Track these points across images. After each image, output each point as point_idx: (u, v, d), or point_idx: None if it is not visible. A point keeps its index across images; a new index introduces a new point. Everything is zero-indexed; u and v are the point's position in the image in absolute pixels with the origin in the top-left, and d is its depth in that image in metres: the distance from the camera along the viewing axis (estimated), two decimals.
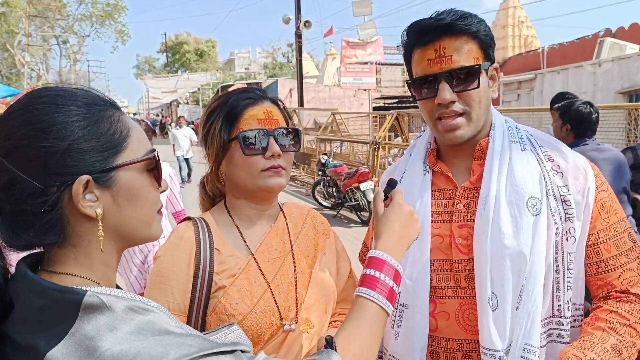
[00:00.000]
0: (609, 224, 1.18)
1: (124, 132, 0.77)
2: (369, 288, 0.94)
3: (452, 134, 1.20)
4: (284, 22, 18.64)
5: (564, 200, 1.16)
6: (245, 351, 0.74)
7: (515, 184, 1.17)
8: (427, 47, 1.18)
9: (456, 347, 1.20)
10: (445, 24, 1.15)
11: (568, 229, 1.16)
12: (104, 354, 0.61)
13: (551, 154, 1.22)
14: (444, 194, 1.28)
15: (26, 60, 35.99)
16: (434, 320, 1.22)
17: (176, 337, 0.67)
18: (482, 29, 1.17)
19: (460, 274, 1.21)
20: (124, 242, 0.79)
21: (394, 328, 1.26)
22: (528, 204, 1.15)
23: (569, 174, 1.18)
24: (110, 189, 0.73)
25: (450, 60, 1.15)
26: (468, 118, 1.19)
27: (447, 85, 1.16)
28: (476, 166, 1.25)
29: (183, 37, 53.31)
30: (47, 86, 0.76)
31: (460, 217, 1.23)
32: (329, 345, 0.85)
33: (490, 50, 1.20)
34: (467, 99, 1.17)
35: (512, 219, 1.15)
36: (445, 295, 1.22)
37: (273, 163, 1.17)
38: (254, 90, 1.24)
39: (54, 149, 0.69)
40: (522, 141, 1.24)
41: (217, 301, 1.13)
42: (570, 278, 1.17)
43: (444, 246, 1.24)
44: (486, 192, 1.18)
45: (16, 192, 0.69)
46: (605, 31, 16.42)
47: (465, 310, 1.19)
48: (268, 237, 1.25)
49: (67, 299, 0.66)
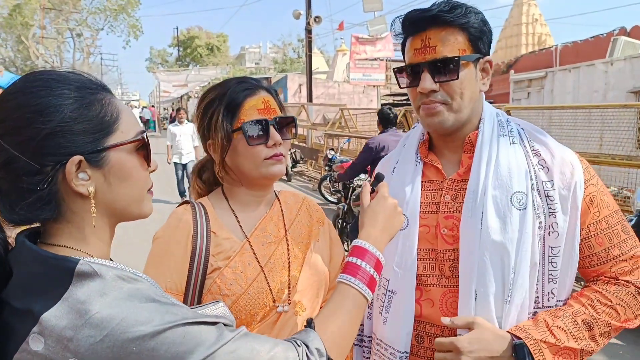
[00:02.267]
0: (600, 217, 1.19)
1: (115, 114, 0.80)
2: (350, 275, 0.98)
3: (431, 119, 1.22)
4: (295, 18, 18.60)
5: (547, 196, 1.17)
6: (227, 325, 0.78)
7: (501, 178, 1.19)
8: (415, 37, 1.22)
9: (439, 332, 1.22)
10: (431, 15, 1.17)
11: (551, 223, 1.17)
12: (93, 317, 0.67)
13: (539, 148, 1.23)
14: (433, 185, 1.30)
15: (40, 53, 36.38)
16: (419, 306, 1.26)
17: (162, 305, 0.72)
18: (472, 20, 1.18)
19: (445, 264, 1.23)
20: (115, 218, 0.84)
21: (382, 313, 1.29)
22: (513, 199, 1.17)
23: (554, 169, 1.19)
24: (101, 169, 0.78)
25: (433, 51, 1.18)
26: (449, 108, 1.21)
27: (428, 75, 1.18)
28: (465, 159, 1.27)
29: (195, 32, 53.47)
30: (42, 70, 0.80)
31: (446, 208, 1.25)
32: (309, 325, 0.90)
33: (481, 43, 1.21)
34: (448, 89, 1.19)
35: (498, 212, 1.17)
36: (430, 284, 1.25)
37: (275, 151, 1.22)
38: (249, 80, 1.28)
39: (47, 130, 0.73)
40: (511, 134, 1.25)
41: (212, 282, 1.17)
42: (553, 271, 1.18)
43: (430, 236, 1.26)
44: (474, 185, 1.20)
45: (13, 170, 0.73)
46: (620, 30, 16.20)
47: (449, 299, 1.22)
48: (263, 222, 1.29)
49: (62, 266, 0.71)
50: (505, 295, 1.15)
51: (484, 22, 1.21)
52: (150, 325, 0.68)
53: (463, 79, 1.18)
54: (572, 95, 11.35)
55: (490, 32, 1.24)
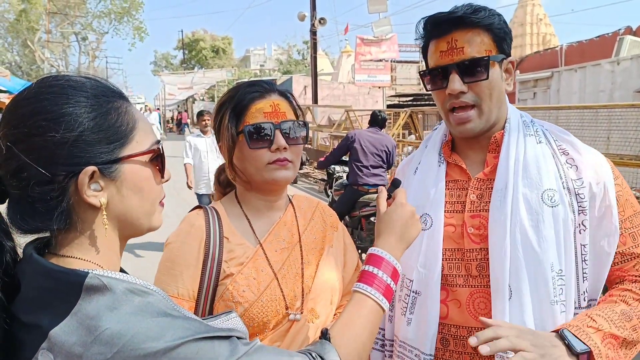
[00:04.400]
0: (625, 216, 1.19)
1: (131, 123, 0.78)
2: (366, 284, 0.96)
3: (462, 127, 1.23)
4: (299, 19, 18.64)
5: (577, 194, 1.17)
6: (241, 338, 0.76)
7: (530, 177, 1.19)
8: (440, 39, 1.22)
9: (466, 334, 1.21)
10: (457, 17, 1.18)
11: (581, 221, 1.17)
12: (103, 333, 0.64)
13: (566, 147, 1.23)
14: (457, 184, 1.30)
15: (46, 57, 36.61)
16: (445, 307, 1.24)
17: (173, 320, 0.69)
18: (496, 22, 1.20)
19: (472, 263, 1.22)
20: (126, 230, 0.81)
21: (406, 315, 1.28)
22: (544, 196, 1.16)
23: (583, 167, 1.19)
24: (114, 180, 0.76)
25: (461, 52, 1.18)
26: (479, 110, 1.21)
27: (457, 76, 1.19)
28: (490, 158, 1.27)
29: (199, 34, 53.66)
30: (57, 75, 0.77)
31: (472, 207, 1.25)
32: (324, 337, 0.88)
33: (505, 43, 1.22)
34: (477, 90, 1.20)
35: (530, 210, 1.16)
36: (457, 284, 1.24)
37: (279, 156, 1.18)
38: (261, 84, 1.26)
39: (62, 140, 0.71)
40: (537, 134, 1.25)
41: (224, 288, 1.16)
42: (586, 269, 1.18)
43: (456, 235, 1.26)
44: (502, 184, 1.20)
45: (24, 179, 0.71)
46: (625, 29, 16.11)
47: (476, 299, 1.21)
48: (276, 227, 1.28)
49: (70, 280, 0.69)
50: (552, 295, 1.13)
51: (506, 23, 1.23)
52: (162, 341, 0.65)
53: (492, 79, 1.19)
54: (578, 95, 11.31)
55: (511, 33, 1.25)
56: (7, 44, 40.29)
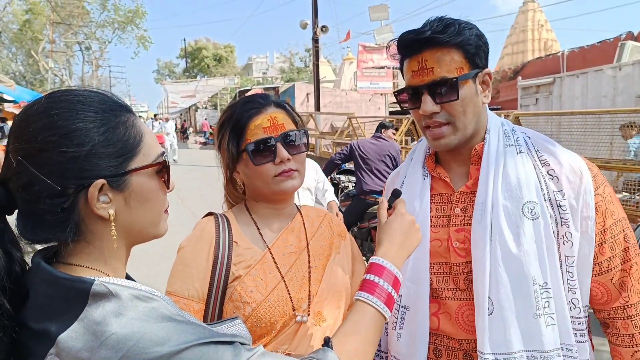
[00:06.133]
0: (605, 226, 1.19)
1: (138, 137, 0.80)
2: (368, 292, 0.98)
3: (437, 142, 1.24)
4: (302, 27, 18.73)
5: (559, 205, 1.17)
6: (244, 344, 0.77)
7: (510, 189, 1.18)
8: (412, 59, 1.21)
9: (457, 346, 1.22)
10: (425, 38, 1.16)
11: (564, 233, 1.16)
12: (109, 338, 0.66)
13: (547, 158, 1.22)
14: (442, 198, 1.30)
15: (50, 66, 36.85)
16: (436, 319, 1.25)
17: (178, 325, 0.71)
18: (467, 37, 1.17)
19: (459, 277, 1.23)
20: (133, 239, 0.84)
21: (396, 330, 1.29)
22: (524, 209, 1.16)
23: (563, 178, 1.18)
24: (123, 192, 0.78)
25: (431, 72, 1.17)
26: (453, 127, 1.21)
27: (429, 97, 1.19)
28: (473, 171, 1.27)
29: (202, 43, 54.01)
30: (66, 90, 0.79)
31: (457, 221, 1.25)
32: (326, 344, 0.89)
33: (477, 58, 1.20)
34: (450, 109, 1.19)
35: (510, 223, 1.16)
36: (446, 297, 1.24)
37: (283, 168, 1.22)
38: (256, 99, 1.29)
39: (73, 154, 0.73)
40: (517, 144, 1.24)
41: (233, 289, 1.20)
42: (571, 281, 1.17)
43: (442, 250, 1.26)
44: (482, 197, 1.20)
45: (35, 192, 0.73)
46: (627, 34, 16.14)
47: (465, 312, 1.22)
48: (284, 233, 1.31)
49: (77, 287, 0.71)
50: (535, 309, 1.13)
51: (479, 36, 1.20)
52: (166, 345, 0.67)
53: (464, 97, 1.18)
54: (580, 101, 11.30)
55: (487, 44, 1.22)
56: (11, 54, 40.68)
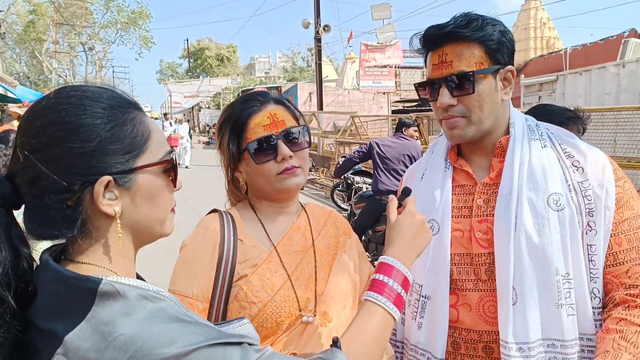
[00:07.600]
0: (622, 218, 1.19)
1: (145, 134, 0.79)
2: (377, 292, 0.97)
3: (451, 132, 1.27)
4: (304, 27, 18.72)
5: (584, 195, 1.18)
6: (252, 344, 0.76)
7: (535, 181, 1.20)
8: (434, 52, 1.25)
9: (477, 338, 1.22)
10: (446, 32, 1.19)
11: (588, 222, 1.17)
12: (117, 339, 0.65)
13: (570, 150, 1.24)
14: (464, 189, 1.32)
15: (53, 67, 37.02)
16: (455, 311, 1.25)
17: (185, 325, 0.70)
18: (489, 33, 1.19)
19: (481, 268, 1.23)
20: (139, 237, 0.83)
21: (417, 319, 1.29)
22: (550, 200, 1.17)
23: (587, 168, 1.20)
24: (129, 190, 0.77)
25: (450, 66, 1.20)
26: (468, 120, 1.23)
27: (446, 90, 1.22)
28: (496, 163, 1.28)
29: (205, 43, 54.08)
30: (74, 85, 0.79)
31: (479, 212, 1.26)
32: (335, 345, 0.88)
33: (500, 54, 1.22)
34: (466, 103, 1.22)
35: (535, 214, 1.17)
36: (466, 288, 1.25)
37: (286, 165, 1.20)
38: (255, 97, 1.27)
39: (79, 150, 0.72)
40: (542, 138, 1.27)
41: (239, 289, 1.17)
42: (593, 269, 1.18)
43: (464, 240, 1.27)
44: (506, 189, 1.21)
45: (41, 187, 0.72)
46: (630, 31, 16.07)
47: (486, 303, 1.22)
48: (290, 231, 1.29)
49: (84, 286, 0.70)
50: (557, 299, 1.14)
51: (502, 32, 1.22)
52: (174, 347, 0.66)
53: (481, 92, 1.20)
54: (583, 99, 11.27)
55: (511, 41, 1.24)
56: (15, 55, 40.83)
